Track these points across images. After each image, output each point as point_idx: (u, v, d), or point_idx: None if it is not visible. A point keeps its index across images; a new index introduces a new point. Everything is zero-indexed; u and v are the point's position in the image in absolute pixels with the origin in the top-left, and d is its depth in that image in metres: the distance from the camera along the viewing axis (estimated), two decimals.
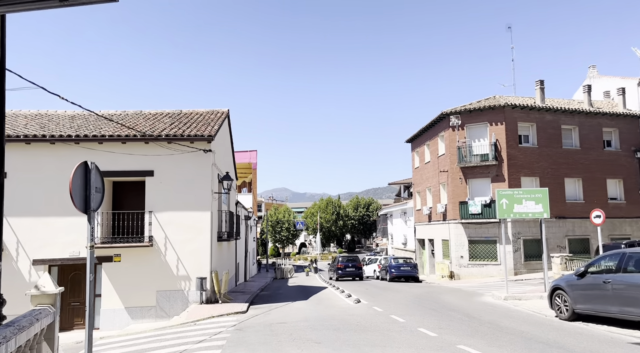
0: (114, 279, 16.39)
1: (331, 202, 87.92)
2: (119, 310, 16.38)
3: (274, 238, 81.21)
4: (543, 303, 14.25)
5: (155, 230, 16.69)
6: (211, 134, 17.24)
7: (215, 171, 18.50)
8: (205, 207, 17.13)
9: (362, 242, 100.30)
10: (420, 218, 35.64)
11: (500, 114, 28.05)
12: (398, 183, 66.52)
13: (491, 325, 10.59)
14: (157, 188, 16.94)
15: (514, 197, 15.84)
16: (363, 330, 10.45)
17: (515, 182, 27.63)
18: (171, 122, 19.31)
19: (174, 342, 11.03)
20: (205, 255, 16.89)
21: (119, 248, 16.34)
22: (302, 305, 16.13)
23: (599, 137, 29.74)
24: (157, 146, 16.96)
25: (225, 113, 21.65)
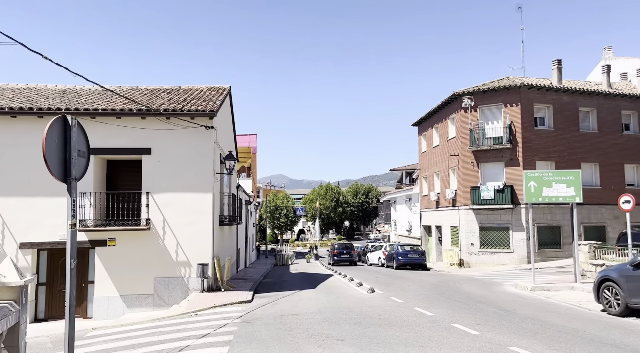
0: (108, 265, 15.15)
1: (330, 188, 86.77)
2: (113, 298, 15.17)
3: (272, 225, 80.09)
4: (577, 294, 13.10)
5: (152, 212, 15.41)
6: (213, 109, 15.89)
7: (217, 150, 17.19)
8: (206, 189, 15.84)
9: (361, 229, 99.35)
10: (427, 205, 34.44)
11: (515, 95, 26.69)
12: (400, 169, 65.25)
13: (534, 321, 9.39)
14: (154, 168, 15.62)
15: (543, 179, 14.59)
16: (388, 324, 9.25)
17: (530, 167, 26.36)
18: (169, 97, 17.93)
19: (174, 335, 9.83)
20: (207, 240, 15.64)
21: (114, 232, 15.07)
22: (311, 295, 14.95)
23: (618, 120, 28.46)
24: (155, 122, 15.61)
25: (227, 90, 20.23)
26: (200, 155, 15.91)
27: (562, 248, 26.74)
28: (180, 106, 15.94)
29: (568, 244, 26.91)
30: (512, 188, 26.30)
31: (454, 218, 29.13)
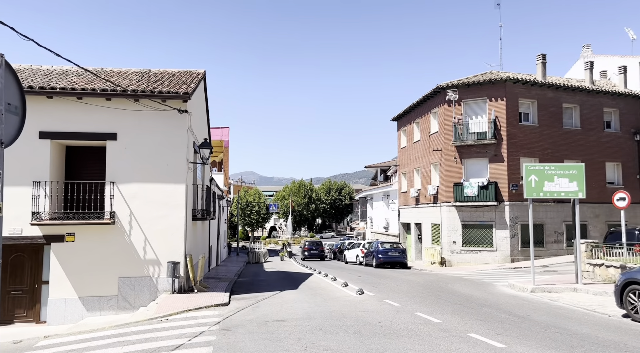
0: (65, 263, 13.47)
1: (303, 185, 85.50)
2: (71, 300, 13.50)
3: (243, 222, 78.23)
4: (583, 297, 12.20)
5: (118, 204, 13.80)
6: (187, 91, 14.37)
7: (191, 137, 15.66)
8: (179, 179, 14.32)
9: (333, 226, 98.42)
10: (406, 201, 33.52)
11: (500, 89, 25.95)
12: (375, 166, 64.45)
13: (558, 329, 8.31)
14: (120, 155, 14.00)
15: (545, 173, 13.67)
16: (394, 334, 8.02)
17: (515, 163, 25.71)
18: (138, 79, 16.28)
19: (141, 346, 8.38)
20: (179, 236, 14.13)
21: (73, 226, 13.39)
22: (295, 296, 13.63)
23: (600, 117, 28.11)
24: (122, 104, 13.99)
25: (201, 74, 18.64)
26: (172, 142, 14.37)
27: (544, 247, 26.18)
28: (150, 88, 14.36)
29: (551, 242, 26.41)
30: (497, 185, 25.57)
31: (436, 215, 28.25)
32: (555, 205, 26.31)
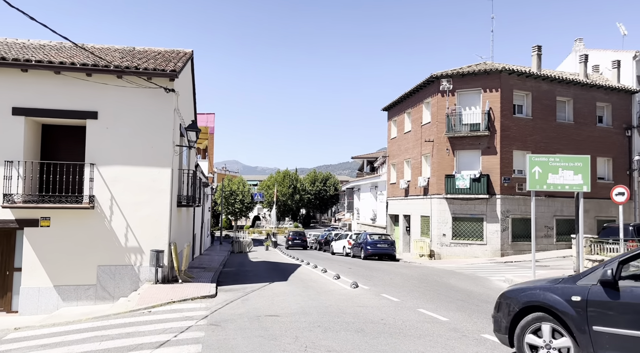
0: (40, 249, 12.55)
1: (288, 175, 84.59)
2: (45, 289, 12.61)
3: (227, 210, 77.18)
4: None
5: (98, 188, 12.90)
6: (175, 69, 13.48)
7: (178, 119, 14.76)
8: (164, 163, 13.45)
9: (317, 217, 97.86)
10: (395, 193, 32.98)
11: (495, 80, 25.42)
12: (361, 157, 63.89)
13: None
14: (101, 135, 13.07)
15: (549, 164, 13.15)
16: (400, 334, 7.37)
17: (507, 156, 25.31)
18: (122, 56, 15.30)
19: (122, 342, 7.61)
20: (163, 223, 13.30)
21: (49, 210, 12.46)
22: (286, 288, 12.93)
23: (593, 112, 27.82)
24: (103, 81, 13.04)
25: (189, 54, 17.67)
26: (157, 123, 13.48)
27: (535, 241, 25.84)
28: (134, 64, 13.42)
29: (541, 237, 26.10)
30: (489, 178, 25.12)
31: (426, 207, 27.75)
32: (546, 200, 25.99)
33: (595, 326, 4.69)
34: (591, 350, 4.69)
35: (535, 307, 5.24)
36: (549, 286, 5.30)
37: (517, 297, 5.53)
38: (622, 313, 4.53)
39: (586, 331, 4.73)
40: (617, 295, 4.62)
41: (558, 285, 5.21)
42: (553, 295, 5.09)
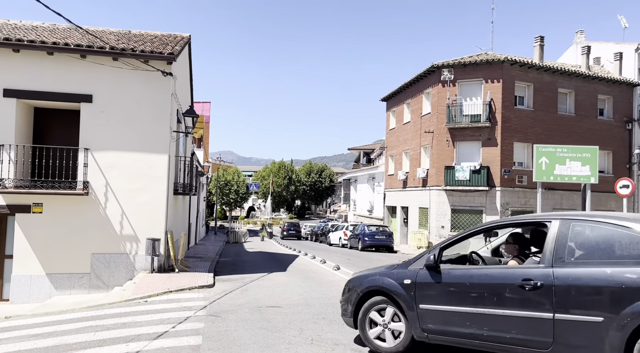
0: (32, 236, 12.16)
1: (283, 165, 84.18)
2: (38, 276, 12.25)
3: (221, 201, 76.76)
4: None
5: (92, 174, 12.49)
6: (173, 52, 13.04)
7: (175, 104, 14.35)
8: (161, 149, 13.06)
9: (312, 209, 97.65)
10: (393, 184, 32.70)
11: (497, 71, 25.07)
12: (358, 148, 63.61)
13: None
14: (96, 119, 12.65)
15: (556, 155, 12.90)
16: None
17: (508, 147, 25.03)
18: (117, 39, 14.81)
19: (117, 333, 7.27)
20: (160, 211, 12.93)
21: (41, 196, 12.07)
22: (285, 279, 12.62)
23: (594, 104, 27.55)
24: (98, 63, 12.59)
25: (186, 38, 17.18)
26: (154, 107, 13.06)
27: None
28: (131, 46, 12.96)
29: None
30: (489, 170, 24.85)
31: (424, 199, 27.48)
32: (546, 192, 25.69)
33: (421, 304, 5.32)
34: (418, 325, 5.34)
35: (376, 291, 5.79)
36: (387, 272, 5.85)
37: (361, 282, 6.03)
38: (441, 292, 5.21)
39: (414, 309, 5.35)
40: (438, 277, 5.26)
41: (394, 270, 5.78)
42: (389, 279, 5.68)
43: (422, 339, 5.36)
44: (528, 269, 4.80)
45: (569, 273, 4.48)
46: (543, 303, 4.53)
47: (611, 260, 4.39)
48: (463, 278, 5.10)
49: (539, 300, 4.56)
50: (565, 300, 4.43)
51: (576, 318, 4.34)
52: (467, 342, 5.04)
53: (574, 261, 4.57)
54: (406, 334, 5.49)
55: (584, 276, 4.39)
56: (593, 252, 4.54)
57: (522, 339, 4.64)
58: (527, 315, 4.61)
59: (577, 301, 4.38)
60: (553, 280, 4.51)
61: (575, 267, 4.51)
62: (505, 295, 4.77)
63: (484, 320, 4.88)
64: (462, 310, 5.03)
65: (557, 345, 4.41)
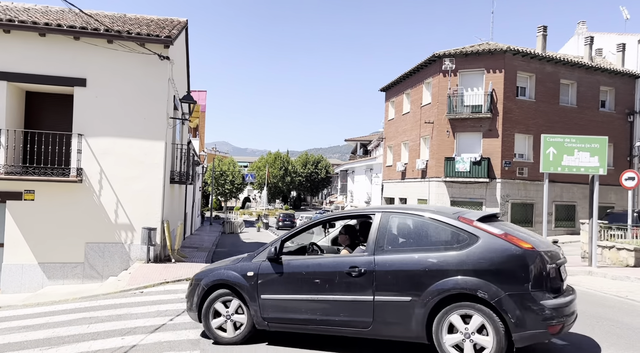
0: (23, 224, 11.78)
1: (279, 156, 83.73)
2: (29, 266, 11.89)
3: (216, 191, 76.32)
4: (602, 282, 11.26)
5: (86, 161, 12.10)
6: (170, 35, 12.61)
7: (172, 90, 13.92)
8: (157, 135, 12.67)
9: (308, 200, 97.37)
10: (391, 176, 32.38)
11: (499, 60, 24.69)
12: (355, 139, 63.25)
13: (611, 322, 6.92)
14: (90, 104, 12.23)
15: (564, 145, 12.54)
16: None
17: (509, 139, 24.72)
18: (112, 21, 14.33)
19: (112, 325, 6.94)
20: (156, 200, 12.56)
21: (33, 182, 11.68)
22: None
23: (596, 96, 27.25)
24: (93, 46, 12.13)
25: (183, 23, 16.72)
26: (150, 92, 12.65)
27: (533, 227, 25.46)
28: (126, 29, 12.50)
29: (539, 223, 25.65)
30: (489, 161, 24.55)
31: (423, 190, 27.19)
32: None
33: (263, 295, 5.56)
34: (259, 314, 5.57)
35: (221, 284, 5.86)
36: (232, 265, 5.96)
37: (206, 276, 6.02)
38: (281, 282, 5.51)
39: (256, 299, 5.58)
40: (279, 268, 5.55)
41: (239, 263, 5.91)
42: (234, 272, 5.81)
43: (263, 327, 5.61)
44: (355, 257, 5.25)
45: (386, 260, 5.00)
46: (366, 288, 5.00)
47: (419, 247, 4.96)
48: (300, 268, 5.45)
49: (363, 284, 5.03)
50: (382, 284, 4.94)
51: (391, 299, 4.87)
52: (303, 327, 5.43)
53: (392, 249, 5.07)
54: (247, 326, 5.72)
55: (397, 262, 4.95)
56: (406, 241, 5.11)
57: (348, 321, 5.11)
58: (353, 299, 5.07)
59: (391, 284, 4.90)
60: (374, 267, 5.01)
61: (392, 254, 5.02)
62: (335, 282, 5.19)
63: (317, 305, 5.27)
64: (299, 298, 5.37)
65: (376, 324, 4.92)
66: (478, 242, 4.71)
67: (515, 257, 4.55)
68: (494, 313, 4.45)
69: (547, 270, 4.59)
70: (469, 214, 5.12)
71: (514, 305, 4.40)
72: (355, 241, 6.12)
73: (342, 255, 5.69)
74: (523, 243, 4.65)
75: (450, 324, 4.64)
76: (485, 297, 4.47)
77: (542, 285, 4.53)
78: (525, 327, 4.38)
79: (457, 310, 4.61)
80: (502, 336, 4.40)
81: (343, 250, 5.96)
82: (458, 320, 4.60)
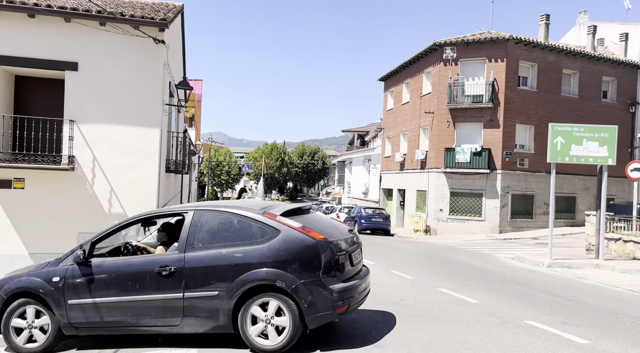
0: (13, 213, 11.33)
1: (276, 147, 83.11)
2: (20, 256, 11.44)
3: (212, 182, 75.83)
4: (611, 275, 10.97)
5: (78, 148, 11.61)
6: (165, 18, 12.09)
7: (167, 76, 13.44)
8: (152, 122, 12.18)
9: (304, 191, 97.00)
10: (390, 166, 32.02)
11: (501, 49, 24.27)
12: (352, 130, 62.78)
13: (629, 318, 6.72)
14: (82, 89, 11.72)
15: (573, 135, 12.19)
16: (429, 317, 6.40)
17: (510, 129, 24.39)
18: (104, 3, 13.78)
19: None
20: (151, 189, 12.11)
21: (23, 170, 11.19)
22: None
23: (598, 86, 26.91)
24: (85, 28, 11.63)
25: (179, 7, 16.15)
26: (145, 77, 12.13)
27: (533, 219, 25.28)
28: (120, 11, 11.99)
29: (539, 214, 25.50)
30: (490, 152, 24.22)
31: (422, 181, 26.85)
32: (548, 176, 25.10)
33: (70, 300, 5.39)
34: (66, 320, 5.41)
35: (24, 292, 5.59)
36: (37, 271, 5.72)
37: (6, 285, 5.70)
38: (90, 285, 5.36)
39: (63, 305, 5.40)
40: (89, 270, 5.40)
41: (44, 269, 5.69)
42: (37, 279, 5.56)
43: (72, 333, 5.45)
44: (165, 256, 5.29)
45: (195, 257, 5.08)
46: (176, 286, 5.06)
47: (228, 243, 5.10)
48: (111, 270, 5.36)
49: (173, 283, 5.08)
50: (192, 280, 5.03)
51: (200, 294, 5.00)
52: (114, 329, 5.38)
53: (202, 246, 5.14)
54: (51, 334, 5.53)
55: (206, 258, 5.05)
56: (216, 237, 5.18)
57: (159, 319, 5.16)
58: (163, 297, 5.10)
59: (200, 281, 5.02)
60: (184, 264, 5.09)
61: (201, 251, 5.11)
62: (146, 282, 5.19)
63: (129, 307, 5.24)
64: (109, 300, 5.29)
65: (186, 319, 5.04)
66: (279, 235, 5.00)
67: (309, 247, 4.90)
68: (290, 300, 4.81)
69: (336, 258, 5.01)
70: (275, 209, 5.34)
71: (307, 291, 4.78)
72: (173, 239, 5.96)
73: (153, 254, 5.67)
74: (317, 234, 4.99)
75: (253, 316, 4.92)
76: (283, 286, 4.80)
77: (331, 271, 4.95)
78: (316, 309, 4.79)
79: (257, 300, 4.90)
80: (297, 318, 4.79)
81: (159, 248, 5.90)
82: (259, 311, 4.90)
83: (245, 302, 4.91)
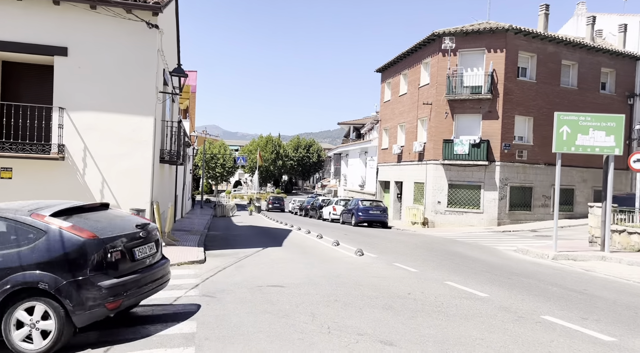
0: None
1: (271, 140, 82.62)
2: None
3: (207, 174, 75.27)
4: (619, 267, 10.70)
5: (69, 136, 11.19)
6: (158, 1, 11.64)
7: (162, 62, 13.00)
8: (146, 111, 11.76)
9: (300, 184, 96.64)
10: (387, 159, 31.68)
11: (501, 40, 23.91)
12: (348, 123, 62.40)
13: None
14: (72, 76, 11.27)
15: (579, 124, 11.89)
16: (440, 313, 6.08)
17: (509, 121, 24.08)
18: None
19: None
20: (145, 179, 11.71)
21: (10, 159, 10.76)
22: (283, 255, 11.59)
23: (597, 77, 26.63)
24: (75, 12, 11.16)
25: None
26: (138, 63, 11.70)
27: (531, 211, 25.05)
28: None
29: (538, 206, 25.29)
30: (489, 144, 23.92)
31: (420, 173, 26.53)
32: (546, 168, 25.04)
33: None
34: None
35: None
36: None
37: None
38: None
39: None
40: None
41: None
42: None
43: None
44: None
45: None
46: None
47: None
48: None
49: None
50: None
51: None
52: None
53: None
54: None
55: None
56: None
57: None
58: None
59: None
60: None
61: None
62: None
63: None
64: None
65: None
66: (45, 236, 4.88)
67: (76, 246, 4.82)
68: (55, 301, 4.71)
69: (108, 255, 4.97)
70: (46, 210, 5.15)
71: (73, 290, 4.71)
72: None
73: None
74: (87, 233, 4.93)
75: (18, 321, 4.74)
76: (46, 287, 4.69)
77: (102, 268, 4.91)
78: (84, 308, 4.73)
79: (22, 304, 4.74)
80: (64, 319, 4.70)
81: None
82: (24, 315, 4.75)
83: (9, 307, 4.73)
